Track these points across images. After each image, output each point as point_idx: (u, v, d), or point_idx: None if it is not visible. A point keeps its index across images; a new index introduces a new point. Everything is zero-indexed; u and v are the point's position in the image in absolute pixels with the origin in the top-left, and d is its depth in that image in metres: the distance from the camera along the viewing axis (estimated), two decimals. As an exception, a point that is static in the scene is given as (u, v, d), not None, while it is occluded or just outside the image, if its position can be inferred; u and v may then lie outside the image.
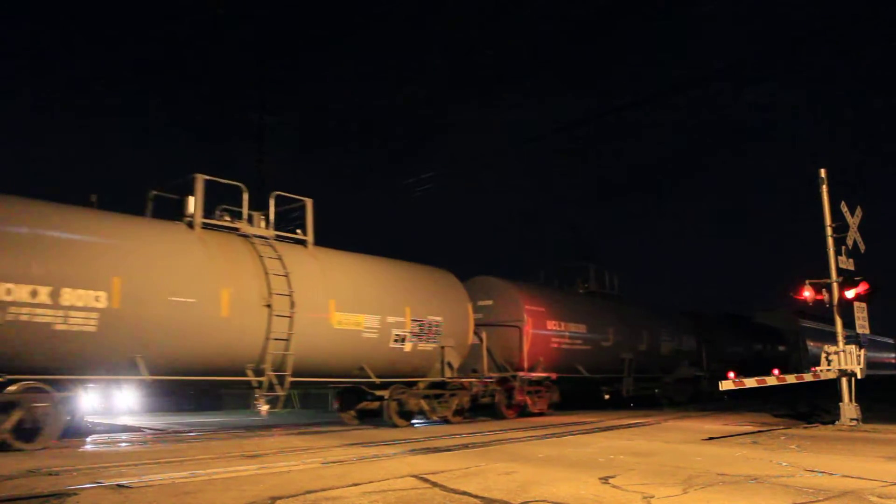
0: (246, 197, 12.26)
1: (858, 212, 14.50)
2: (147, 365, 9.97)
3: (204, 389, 18.59)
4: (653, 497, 5.64)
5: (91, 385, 10.28)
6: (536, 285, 19.37)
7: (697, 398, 23.29)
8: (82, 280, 9.38)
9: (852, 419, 13.23)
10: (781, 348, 32.60)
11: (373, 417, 13.99)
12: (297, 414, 18.96)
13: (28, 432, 9.07)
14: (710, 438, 10.88)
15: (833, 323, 14.18)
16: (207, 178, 11.76)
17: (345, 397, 14.39)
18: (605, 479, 6.50)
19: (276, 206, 12.69)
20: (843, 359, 13.56)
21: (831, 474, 6.95)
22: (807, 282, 14.25)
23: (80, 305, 9.32)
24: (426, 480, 6.47)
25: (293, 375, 11.56)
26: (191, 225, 11.39)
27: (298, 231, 12.99)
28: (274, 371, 11.38)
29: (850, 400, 13.46)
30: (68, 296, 9.23)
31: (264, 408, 11.73)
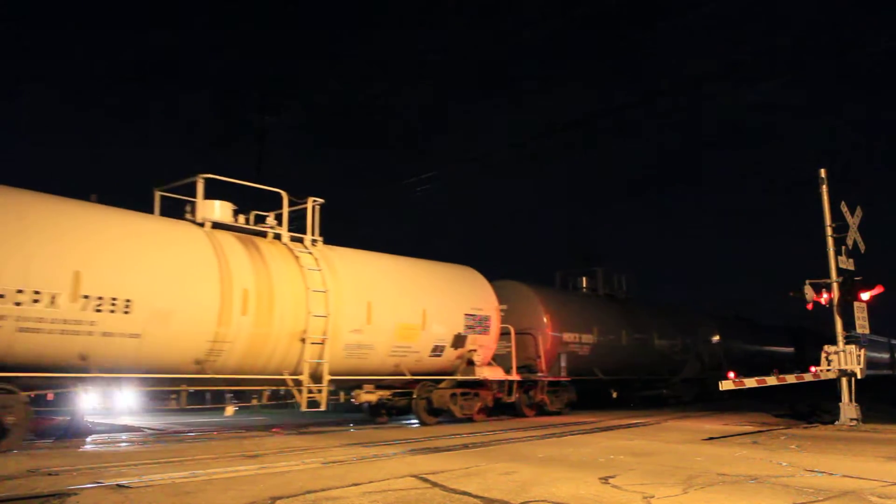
0: (600, 274, 21.87)
1: (858, 212, 14.47)
2: (600, 370, 18.88)
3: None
4: (653, 497, 5.65)
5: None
6: (723, 316, 28.31)
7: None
8: (586, 328, 18.74)
9: (852, 419, 13.23)
10: None
11: (652, 404, 21.26)
12: (297, 414, 18.95)
13: (537, 407, 16.53)
14: (710, 438, 10.89)
15: (843, 324, 14.14)
16: (564, 272, 21.74)
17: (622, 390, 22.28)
18: (605, 479, 6.51)
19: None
20: (843, 359, 13.57)
21: (831, 474, 6.95)
22: (807, 282, 14.24)
23: (587, 342, 18.60)
24: (426, 480, 6.47)
25: (616, 374, 19.87)
26: (595, 291, 21.42)
27: (599, 288, 21.78)
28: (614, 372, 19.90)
29: (850, 400, 13.46)
30: (584, 337, 18.50)
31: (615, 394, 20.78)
